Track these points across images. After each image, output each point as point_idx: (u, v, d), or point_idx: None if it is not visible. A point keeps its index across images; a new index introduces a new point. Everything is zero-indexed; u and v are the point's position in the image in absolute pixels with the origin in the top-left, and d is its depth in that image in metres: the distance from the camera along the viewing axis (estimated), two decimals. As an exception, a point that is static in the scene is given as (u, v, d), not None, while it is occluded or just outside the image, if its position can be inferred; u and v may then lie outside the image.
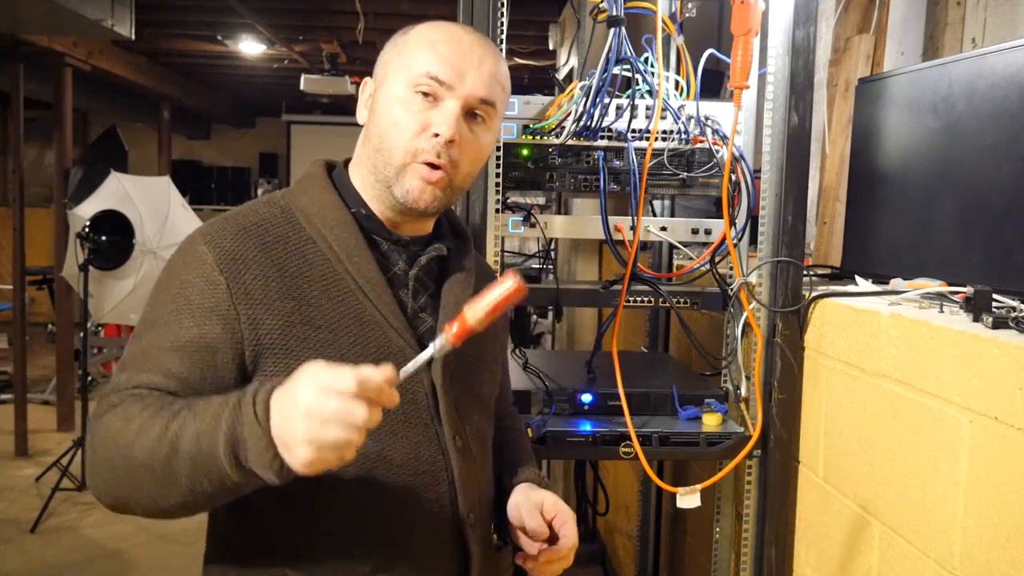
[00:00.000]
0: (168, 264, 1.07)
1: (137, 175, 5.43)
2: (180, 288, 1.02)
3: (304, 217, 1.09)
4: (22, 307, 5.24)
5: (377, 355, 1.05)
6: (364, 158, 1.12)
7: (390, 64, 1.11)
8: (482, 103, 1.09)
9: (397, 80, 1.08)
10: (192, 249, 1.04)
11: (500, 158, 1.55)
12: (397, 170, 1.07)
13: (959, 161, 1.39)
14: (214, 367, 0.99)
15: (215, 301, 1.00)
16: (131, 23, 4.36)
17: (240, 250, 1.03)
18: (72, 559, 3.61)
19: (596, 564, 3.15)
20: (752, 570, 1.60)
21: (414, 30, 1.12)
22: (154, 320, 1.02)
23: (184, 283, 1.02)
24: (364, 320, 1.06)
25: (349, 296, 1.06)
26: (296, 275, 1.05)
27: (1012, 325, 1.08)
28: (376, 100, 1.11)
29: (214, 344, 0.99)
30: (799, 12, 1.48)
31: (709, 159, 1.61)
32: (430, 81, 1.06)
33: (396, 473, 1.05)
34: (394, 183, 1.08)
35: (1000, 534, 1.02)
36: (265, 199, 1.13)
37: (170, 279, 1.04)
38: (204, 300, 1.00)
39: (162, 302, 1.03)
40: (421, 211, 1.09)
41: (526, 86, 6.92)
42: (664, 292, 1.62)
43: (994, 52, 1.33)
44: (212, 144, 10.74)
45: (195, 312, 1.00)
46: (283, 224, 1.08)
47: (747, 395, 1.61)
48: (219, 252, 1.02)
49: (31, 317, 5.80)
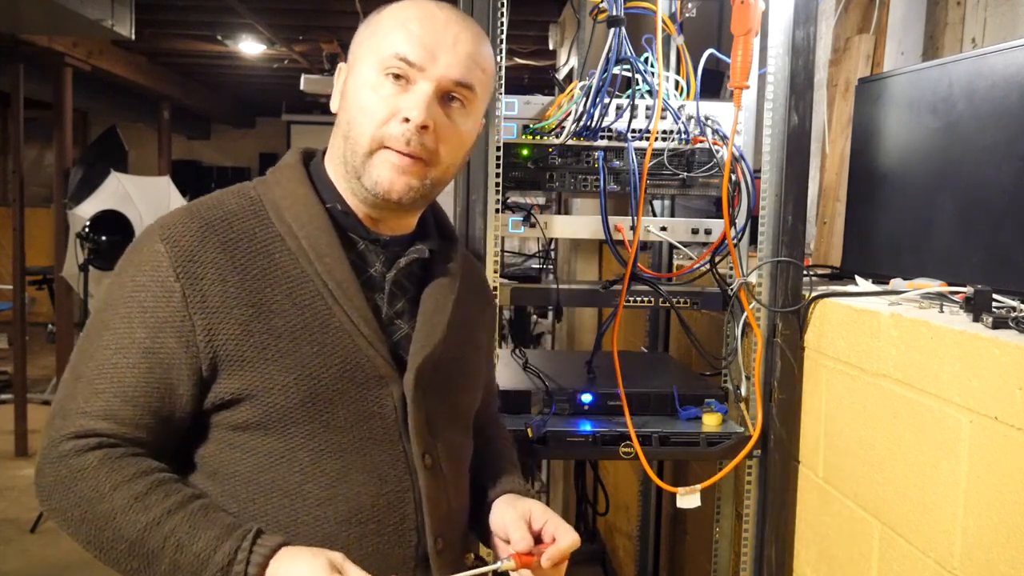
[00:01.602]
0: (124, 258, 1.00)
1: (137, 175, 5.44)
2: (133, 291, 0.96)
3: (275, 211, 1.02)
4: (22, 307, 5.24)
5: (342, 365, 0.99)
6: (335, 148, 1.05)
7: (361, 46, 1.03)
8: (458, 86, 1.01)
9: (367, 63, 1.01)
10: (149, 247, 0.97)
11: (500, 158, 1.55)
12: (363, 158, 1.00)
13: (959, 161, 1.39)
14: (169, 384, 0.96)
15: (169, 311, 0.95)
16: (131, 23, 4.36)
17: (199, 250, 0.96)
18: (72, 559, 3.60)
19: (596, 564, 3.15)
20: (752, 570, 1.60)
21: (387, 8, 1.04)
22: (105, 325, 0.97)
23: (138, 285, 0.96)
24: (330, 327, 0.99)
25: (316, 300, 0.99)
26: (259, 277, 0.98)
27: (1012, 325, 1.08)
28: (347, 85, 1.04)
29: (168, 360, 0.95)
30: (799, 12, 1.48)
31: (709, 159, 1.61)
32: (399, 63, 0.98)
33: (357, 493, 0.99)
34: (363, 172, 1.01)
35: (1000, 534, 1.02)
36: (236, 188, 1.05)
37: (123, 277, 0.98)
38: (158, 308, 0.95)
39: (115, 303, 0.97)
40: (395, 203, 1.01)
41: (526, 86, 6.92)
42: (664, 292, 1.62)
43: (994, 52, 1.33)
44: (212, 144, 10.74)
45: (148, 321, 0.95)
46: (251, 218, 1.01)
47: (747, 395, 1.61)
48: (176, 252, 0.96)
49: (31, 317, 5.80)
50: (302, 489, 0.98)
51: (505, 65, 1.53)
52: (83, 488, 0.92)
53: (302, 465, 0.98)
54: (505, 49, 1.53)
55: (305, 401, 0.97)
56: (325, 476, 0.98)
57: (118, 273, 1.00)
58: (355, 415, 1.00)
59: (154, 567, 0.91)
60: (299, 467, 0.98)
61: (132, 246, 1.01)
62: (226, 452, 0.99)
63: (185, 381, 0.96)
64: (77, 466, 0.93)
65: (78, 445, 0.94)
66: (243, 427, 0.98)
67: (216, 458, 0.99)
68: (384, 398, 1.02)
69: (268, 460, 0.98)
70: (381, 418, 1.02)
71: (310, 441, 0.98)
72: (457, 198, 1.54)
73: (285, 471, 0.98)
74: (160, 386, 0.96)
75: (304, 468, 0.98)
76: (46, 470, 0.95)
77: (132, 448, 0.95)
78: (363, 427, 1.01)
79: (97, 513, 0.92)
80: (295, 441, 0.98)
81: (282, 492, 0.98)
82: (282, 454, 0.98)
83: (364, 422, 1.01)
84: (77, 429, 0.94)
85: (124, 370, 0.95)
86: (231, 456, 0.99)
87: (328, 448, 0.99)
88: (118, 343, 0.96)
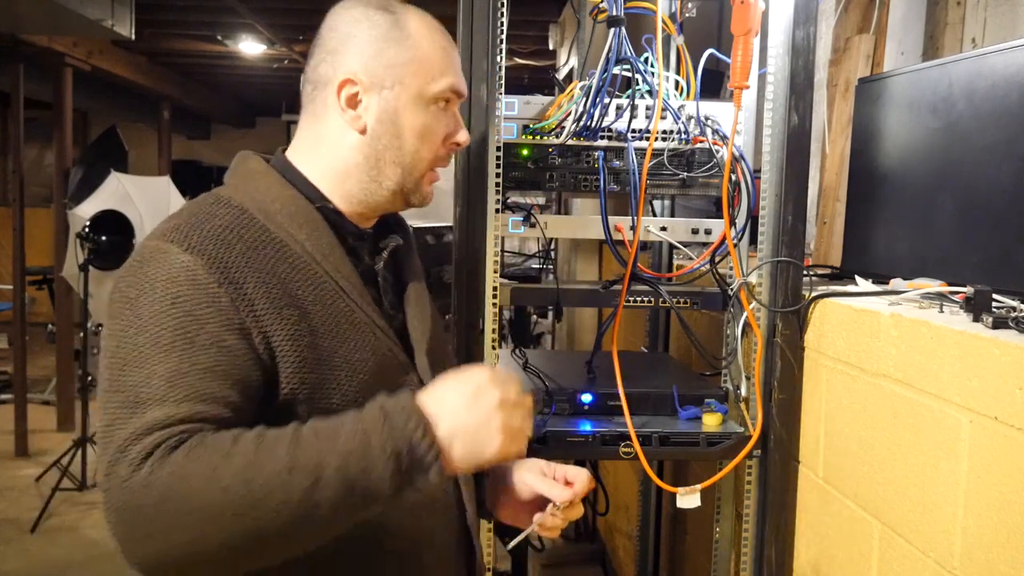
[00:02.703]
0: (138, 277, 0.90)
1: (137, 175, 5.44)
2: (174, 303, 0.88)
3: (265, 216, 0.98)
4: (22, 307, 5.24)
5: (375, 359, 1.00)
6: (366, 169, 1.04)
7: (403, 69, 1.02)
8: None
9: (418, 89, 1.03)
10: (172, 259, 0.90)
11: (500, 158, 1.55)
12: (418, 180, 1.07)
13: (959, 161, 1.39)
14: (243, 380, 0.89)
15: (223, 315, 0.89)
16: (131, 23, 4.36)
17: (227, 256, 0.92)
18: (72, 559, 3.61)
19: (596, 564, 3.15)
20: (752, 570, 1.60)
21: (413, 29, 1.03)
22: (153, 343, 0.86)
23: (177, 297, 0.88)
24: (355, 323, 0.99)
25: (337, 298, 0.99)
26: (287, 280, 0.95)
27: (1012, 325, 1.08)
28: (393, 112, 1.03)
29: (235, 355, 0.88)
30: (799, 12, 1.48)
31: (709, 159, 1.61)
32: (453, 95, 1.07)
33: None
34: (413, 192, 1.08)
35: (1000, 534, 1.02)
36: (209, 202, 0.99)
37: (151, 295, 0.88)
38: (210, 315, 0.88)
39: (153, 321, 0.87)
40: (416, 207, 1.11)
41: (526, 86, 6.93)
42: (664, 292, 1.62)
43: (994, 52, 1.33)
44: (212, 144, 10.75)
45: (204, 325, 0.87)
46: (250, 226, 0.96)
47: (747, 395, 1.61)
48: (207, 260, 0.90)
49: (31, 317, 5.80)
50: None
51: (505, 65, 1.53)
52: (199, 465, 0.80)
53: None
54: (505, 49, 1.53)
55: (356, 398, 0.96)
56: None
57: (140, 295, 0.89)
58: None
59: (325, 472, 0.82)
60: None
61: (143, 265, 0.92)
62: None
63: (255, 378, 0.90)
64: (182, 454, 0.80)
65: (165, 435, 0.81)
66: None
67: None
68: (408, 383, 1.04)
69: None
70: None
71: None
72: (457, 198, 1.54)
73: None
74: (239, 376, 0.88)
75: None
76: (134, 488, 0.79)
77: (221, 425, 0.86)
78: None
79: (236, 470, 0.80)
80: None
81: None
82: None
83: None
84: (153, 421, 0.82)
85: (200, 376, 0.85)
86: None
87: None
88: (179, 350, 0.85)
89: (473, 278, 1.54)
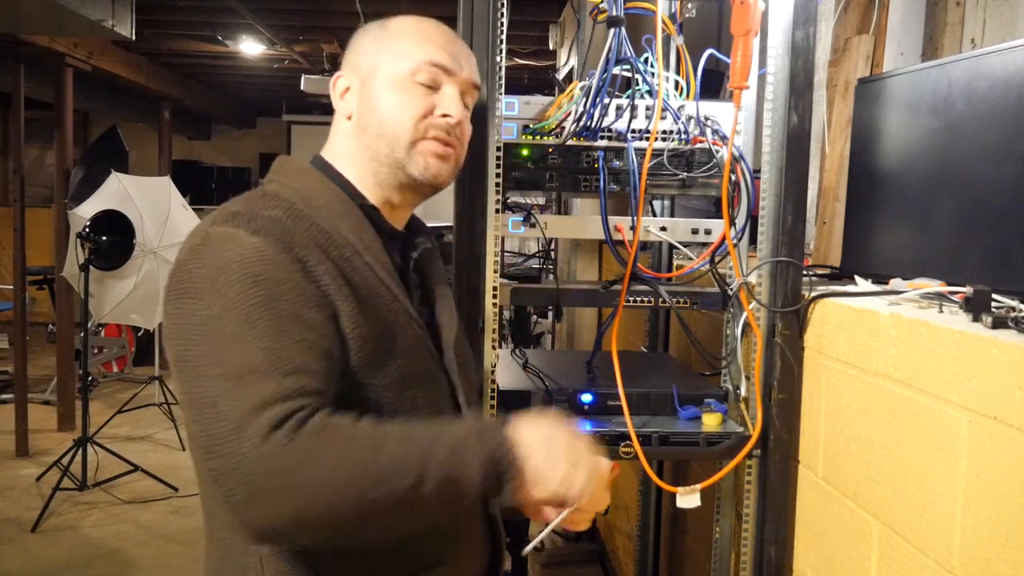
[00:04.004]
0: (211, 260, 0.93)
1: (138, 175, 5.43)
2: (254, 282, 0.90)
3: (310, 209, 1.03)
4: (23, 307, 5.24)
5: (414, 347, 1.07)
6: (361, 149, 1.11)
7: (378, 56, 1.10)
8: (473, 88, 1.15)
9: (393, 68, 1.09)
10: (242, 241, 0.93)
11: (500, 158, 1.55)
12: (407, 148, 1.08)
13: (958, 161, 1.39)
14: (331, 357, 0.94)
15: (303, 288, 0.93)
16: (131, 23, 4.36)
17: (291, 240, 0.96)
18: (73, 559, 3.61)
19: (596, 564, 3.15)
20: (752, 570, 1.60)
21: (393, 24, 1.12)
22: (244, 318, 0.89)
23: (254, 275, 0.91)
24: (395, 311, 1.06)
25: (381, 288, 1.04)
26: (342, 267, 1.00)
27: (1011, 325, 1.08)
28: (369, 90, 1.10)
29: (322, 329, 0.94)
30: (799, 12, 1.48)
31: (709, 159, 1.61)
32: (433, 68, 1.08)
33: None
34: (407, 162, 1.08)
35: (999, 534, 1.02)
36: (259, 195, 1.03)
37: (225, 276, 0.91)
38: (290, 290, 0.92)
39: (236, 302, 0.89)
40: (437, 187, 1.12)
41: (526, 86, 6.92)
42: (664, 292, 1.62)
43: (993, 52, 1.33)
44: (212, 144, 10.74)
45: (289, 299, 0.91)
46: (300, 217, 1.01)
47: (747, 395, 1.61)
48: (275, 241, 0.94)
49: (32, 317, 5.80)
50: None
51: (505, 65, 1.53)
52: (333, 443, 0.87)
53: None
54: (505, 49, 1.53)
55: (399, 378, 1.03)
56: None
57: (218, 275, 0.91)
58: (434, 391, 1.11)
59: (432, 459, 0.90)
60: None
61: (210, 248, 0.94)
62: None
63: (336, 350, 0.95)
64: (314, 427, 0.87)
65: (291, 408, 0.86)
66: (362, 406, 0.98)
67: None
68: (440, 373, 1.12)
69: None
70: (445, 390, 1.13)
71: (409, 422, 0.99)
72: (457, 198, 1.54)
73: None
74: (327, 348, 0.94)
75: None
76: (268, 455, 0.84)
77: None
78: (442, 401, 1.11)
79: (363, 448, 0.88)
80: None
81: None
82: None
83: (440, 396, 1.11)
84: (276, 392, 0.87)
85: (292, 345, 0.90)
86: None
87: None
88: (272, 326, 0.89)
89: (473, 278, 1.55)
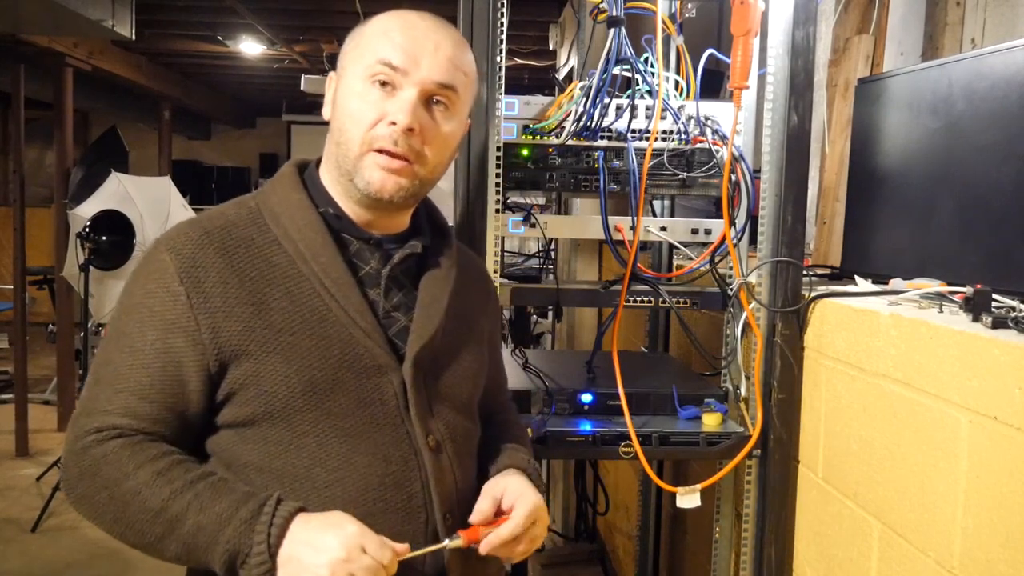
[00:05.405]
0: (134, 271, 1.08)
1: (137, 175, 5.43)
2: (143, 297, 1.04)
3: (272, 217, 1.08)
4: (23, 307, 5.24)
5: (340, 356, 1.04)
6: (329, 153, 1.11)
7: (347, 56, 1.10)
8: (441, 88, 1.06)
9: (353, 72, 1.07)
10: (155, 257, 1.05)
11: (500, 158, 1.55)
12: (355, 161, 1.06)
13: (959, 161, 1.39)
14: (181, 381, 1.02)
15: (176, 313, 1.02)
16: (131, 23, 4.36)
17: (200, 255, 1.03)
18: (72, 559, 3.61)
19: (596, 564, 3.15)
20: (752, 570, 1.60)
21: (372, 20, 1.10)
22: (120, 332, 1.05)
23: (147, 292, 1.04)
24: (328, 321, 1.04)
25: (313, 297, 1.05)
26: (257, 278, 1.04)
27: (1012, 325, 1.08)
28: (337, 94, 1.10)
29: (179, 359, 1.02)
30: (799, 12, 1.48)
31: (709, 159, 1.61)
32: (384, 68, 1.04)
33: (364, 474, 1.04)
34: (355, 174, 1.06)
35: (999, 534, 1.02)
36: (237, 200, 1.13)
37: (135, 287, 1.06)
38: (166, 312, 1.02)
39: (127, 311, 1.05)
40: (387, 201, 1.07)
41: (526, 86, 6.92)
42: (664, 292, 1.62)
43: (993, 52, 1.33)
44: (212, 144, 10.75)
45: (157, 324, 1.02)
46: (249, 226, 1.07)
47: (747, 395, 1.61)
48: (180, 259, 1.03)
49: (32, 317, 5.80)
50: (311, 473, 1.03)
51: (505, 65, 1.53)
52: (108, 471, 0.99)
53: (309, 450, 1.04)
54: (505, 49, 1.53)
55: (306, 390, 1.03)
56: (332, 459, 1.04)
57: (130, 285, 1.07)
58: (355, 402, 1.05)
59: (177, 531, 0.96)
60: (306, 452, 1.04)
61: (141, 261, 1.09)
62: (238, 445, 1.05)
63: (195, 378, 1.02)
64: (100, 453, 1.00)
65: (99, 437, 1.01)
66: (251, 420, 1.04)
67: (229, 451, 1.06)
68: (384, 385, 1.07)
69: (277, 448, 1.04)
70: (382, 404, 1.07)
71: (314, 428, 1.04)
72: (457, 198, 1.54)
73: (293, 457, 1.04)
74: (173, 383, 1.02)
75: (311, 453, 1.04)
76: (71, 462, 1.02)
77: (150, 436, 1.02)
78: (364, 412, 1.06)
79: (123, 491, 0.98)
80: (300, 428, 1.03)
81: (292, 477, 1.03)
82: (289, 441, 1.04)
83: (365, 408, 1.06)
84: (99, 424, 1.01)
85: (139, 370, 1.02)
86: (243, 448, 1.05)
87: (332, 433, 1.04)
88: (132, 346, 1.03)
89: (473, 278, 1.54)
